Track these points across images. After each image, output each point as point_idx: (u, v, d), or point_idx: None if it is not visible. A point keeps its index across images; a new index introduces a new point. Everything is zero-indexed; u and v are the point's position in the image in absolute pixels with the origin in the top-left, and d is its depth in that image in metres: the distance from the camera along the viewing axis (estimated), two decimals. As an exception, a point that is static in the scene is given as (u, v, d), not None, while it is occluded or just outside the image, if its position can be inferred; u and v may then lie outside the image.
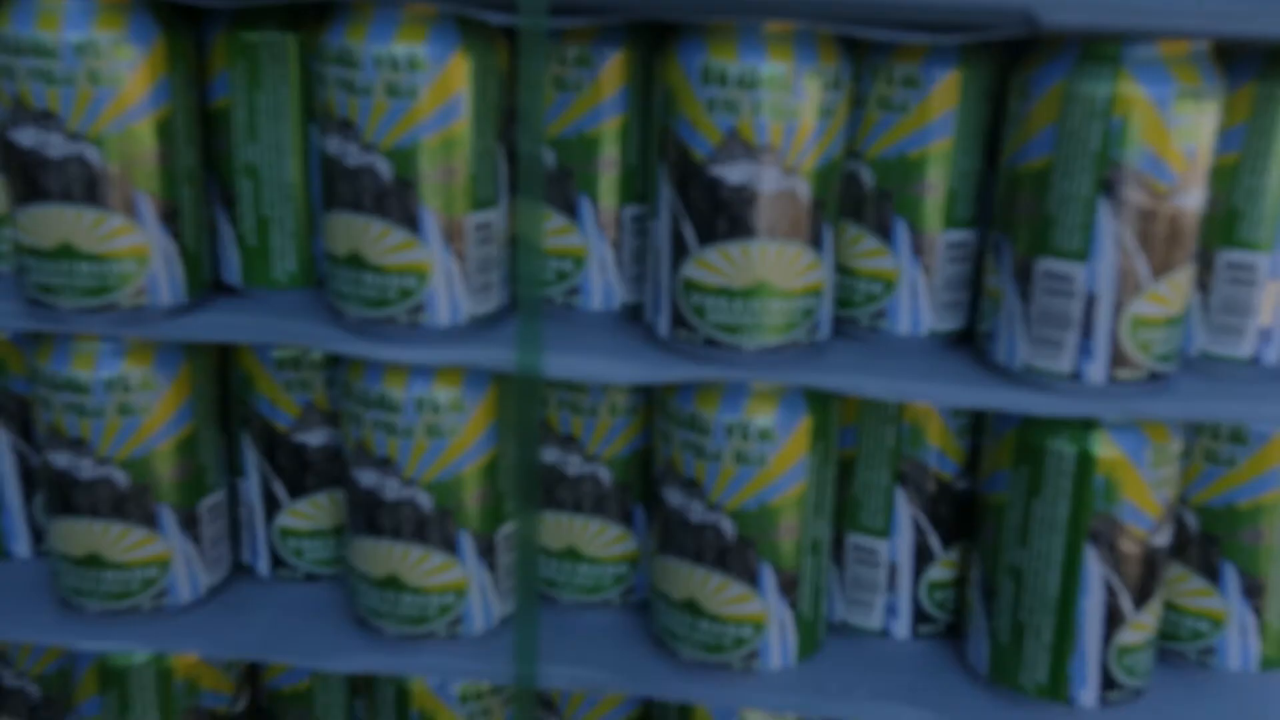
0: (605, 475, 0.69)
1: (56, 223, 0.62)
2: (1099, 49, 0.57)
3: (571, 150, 0.65)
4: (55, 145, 0.61)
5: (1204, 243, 0.63)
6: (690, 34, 0.60)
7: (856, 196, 0.65)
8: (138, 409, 0.66)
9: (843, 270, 0.66)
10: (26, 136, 0.61)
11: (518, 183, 0.65)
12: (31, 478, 0.76)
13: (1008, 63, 0.65)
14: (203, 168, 0.67)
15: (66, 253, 0.63)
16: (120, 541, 0.68)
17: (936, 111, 0.63)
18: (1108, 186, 0.57)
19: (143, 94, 0.62)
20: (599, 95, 0.65)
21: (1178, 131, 0.57)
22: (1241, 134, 0.62)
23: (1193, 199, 0.58)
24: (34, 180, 0.62)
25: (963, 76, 0.63)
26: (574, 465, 0.69)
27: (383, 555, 0.66)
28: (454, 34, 0.60)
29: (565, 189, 0.66)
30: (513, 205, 0.66)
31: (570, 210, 0.66)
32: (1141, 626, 0.64)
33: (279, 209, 0.68)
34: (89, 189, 0.61)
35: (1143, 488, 0.61)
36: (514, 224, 0.66)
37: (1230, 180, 0.62)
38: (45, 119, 0.61)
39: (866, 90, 0.64)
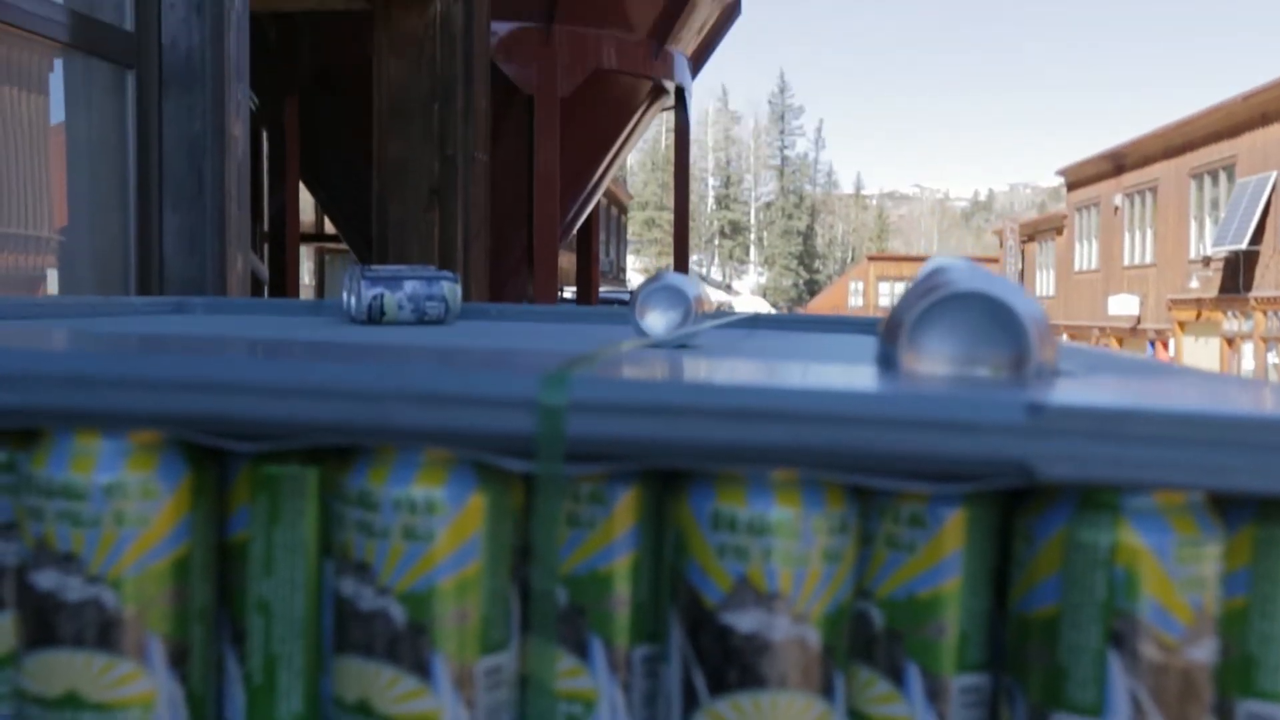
0: None
1: (65, 670, 0.65)
2: (1098, 497, 0.62)
3: (584, 588, 0.69)
4: (74, 588, 0.65)
5: (1221, 693, 0.65)
6: (700, 478, 0.65)
7: (867, 637, 0.68)
8: None
9: (855, 717, 0.68)
10: (46, 579, 0.65)
11: (529, 623, 0.68)
12: None
13: (1013, 499, 0.69)
14: (216, 603, 0.70)
15: (71, 702, 0.65)
16: None
17: (944, 551, 0.67)
18: (1117, 638, 0.60)
19: (166, 533, 0.67)
20: (612, 532, 0.69)
21: (1181, 582, 0.61)
22: (1247, 577, 0.65)
23: (1203, 651, 0.61)
24: (48, 625, 0.65)
25: (969, 515, 0.67)
26: None
27: None
28: (472, 476, 0.65)
29: (577, 628, 0.69)
30: (523, 646, 0.69)
31: (581, 650, 0.69)
32: None
33: (288, 646, 0.71)
34: (102, 633, 0.65)
35: None
36: (524, 666, 0.69)
37: (1242, 626, 0.65)
38: (67, 561, 0.65)
39: (874, 528, 0.68)
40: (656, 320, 1.46)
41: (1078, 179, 25.96)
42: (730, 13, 8.43)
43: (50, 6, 3.37)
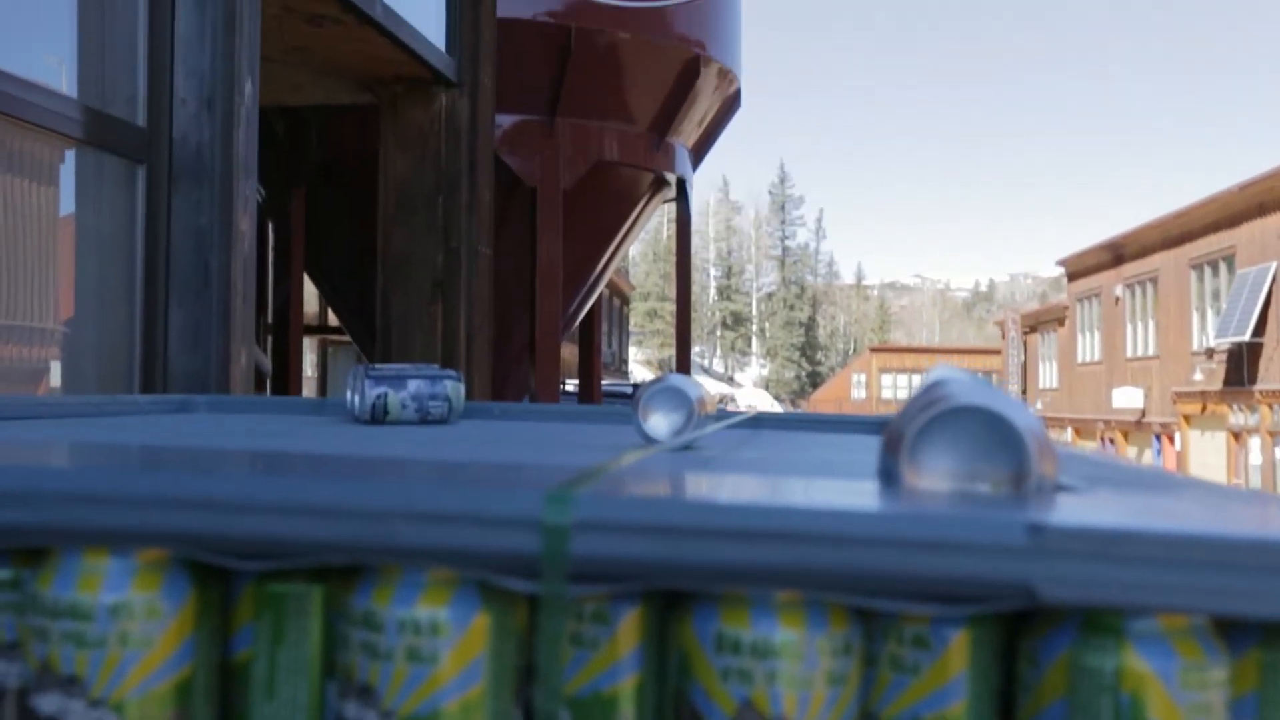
0: None
1: (66, 797, 0.65)
2: (1101, 619, 0.62)
3: (587, 710, 0.69)
4: (76, 712, 0.65)
5: (1233, 821, 0.65)
6: (704, 599, 0.65)
7: (873, 762, 0.68)
8: None
9: (863, 843, 0.67)
10: (49, 703, 0.65)
11: (532, 746, 0.68)
12: None
13: (1018, 620, 0.69)
14: (217, 726, 0.70)
15: (72, 827, 0.65)
16: None
17: (949, 673, 0.67)
18: (1125, 766, 0.60)
19: (169, 655, 0.67)
20: (616, 653, 0.69)
21: (1187, 708, 0.61)
22: (1254, 704, 0.65)
23: (1213, 778, 0.61)
24: (50, 749, 0.65)
25: (973, 637, 0.67)
26: None
27: None
28: (476, 596, 0.66)
29: (579, 751, 0.69)
30: (526, 770, 0.68)
31: (584, 773, 0.69)
32: None
33: (289, 770, 0.70)
34: (104, 758, 0.65)
35: None
36: (527, 790, 0.68)
37: (1250, 753, 0.65)
38: (70, 684, 0.65)
39: (878, 650, 0.68)
40: (659, 423, 1.46)
41: (1078, 269, 26.13)
42: (730, 105, 8.57)
43: (65, 102, 3.43)
